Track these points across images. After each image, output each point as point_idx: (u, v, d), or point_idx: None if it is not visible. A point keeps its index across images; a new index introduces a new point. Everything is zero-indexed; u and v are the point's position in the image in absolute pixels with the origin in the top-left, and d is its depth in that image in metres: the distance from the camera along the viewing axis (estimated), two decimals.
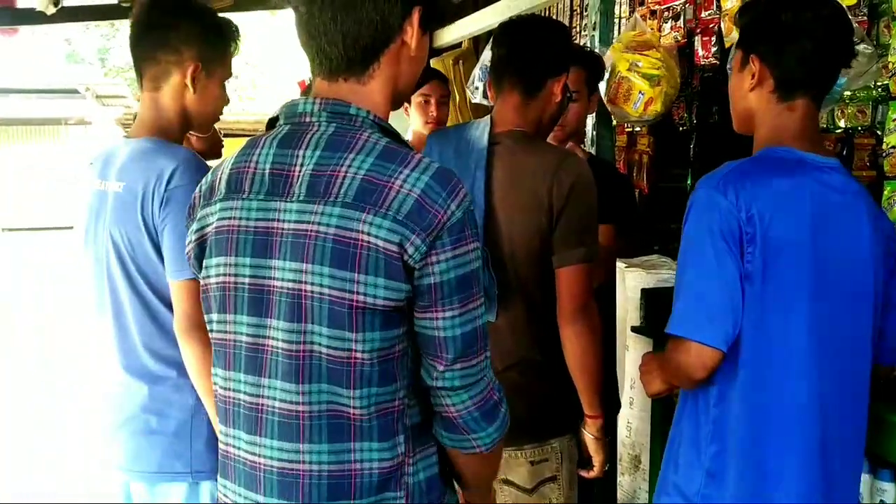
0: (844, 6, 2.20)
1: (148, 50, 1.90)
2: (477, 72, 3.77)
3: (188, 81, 1.89)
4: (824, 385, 1.63)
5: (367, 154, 1.23)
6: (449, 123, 3.37)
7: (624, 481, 3.42)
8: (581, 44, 3.45)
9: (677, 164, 4.52)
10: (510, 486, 2.12)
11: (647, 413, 3.12)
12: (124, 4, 4.78)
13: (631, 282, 3.37)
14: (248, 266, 1.27)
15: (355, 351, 1.21)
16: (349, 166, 1.22)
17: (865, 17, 2.99)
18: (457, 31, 4.74)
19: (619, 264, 3.36)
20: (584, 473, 2.21)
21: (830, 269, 1.63)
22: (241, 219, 1.28)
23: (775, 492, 1.62)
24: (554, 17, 4.56)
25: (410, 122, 3.26)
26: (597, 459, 2.18)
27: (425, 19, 1.32)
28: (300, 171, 1.25)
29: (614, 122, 3.11)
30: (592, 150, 2.87)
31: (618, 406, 2.81)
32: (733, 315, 1.58)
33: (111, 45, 22.47)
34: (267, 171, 1.27)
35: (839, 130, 3.38)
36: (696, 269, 1.62)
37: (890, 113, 2.10)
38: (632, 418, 3.37)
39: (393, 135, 1.30)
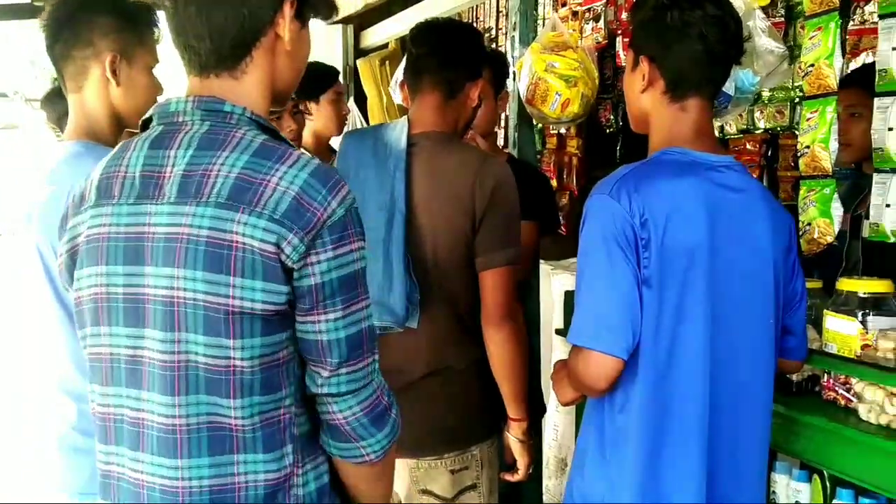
0: (757, 6, 2.22)
1: (63, 49, 1.80)
2: (399, 73, 3.72)
3: (109, 75, 1.79)
4: (723, 388, 1.63)
5: (242, 152, 1.18)
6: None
7: (550, 485, 3.41)
8: (503, 45, 3.44)
9: (606, 166, 4.51)
10: (430, 496, 2.07)
11: (573, 416, 3.10)
12: (37, 3, 4.60)
13: (557, 284, 3.36)
14: (121, 275, 1.21)
15: (234, 359, 1.16)
16: (222, 165, 1.16)
17: (782, 19, 3.03)
18: (384, 32, 4.68)
19: (546, 267, 3.35)
20: (508, 477, 2.20)
21: (729, 270, 1.63)
22: (111, 225, 1.22)
23: (670, 498, 1.61)
24: (479, 17, 4.53)
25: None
26: (521, 462, 2.16)
27: (301, 11, 1.27)
28: (171, 173, 1.19)
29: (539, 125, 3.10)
30: (514, 152, 2.85)
31: (543, 409, 2.80)
32: (632, 323, 1.57)
33: (41, 47, 21.83)
34: (138, 175, 1.22)
35: (760, 131, 3.42)
36: (593, 277, 1.61)
37: (804, 112, 2.10)
38: (558, 421, 3.36)
39: (271, 132, 1.25)
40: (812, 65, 2.03)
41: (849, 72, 2.92)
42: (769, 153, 3.75)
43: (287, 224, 1.14)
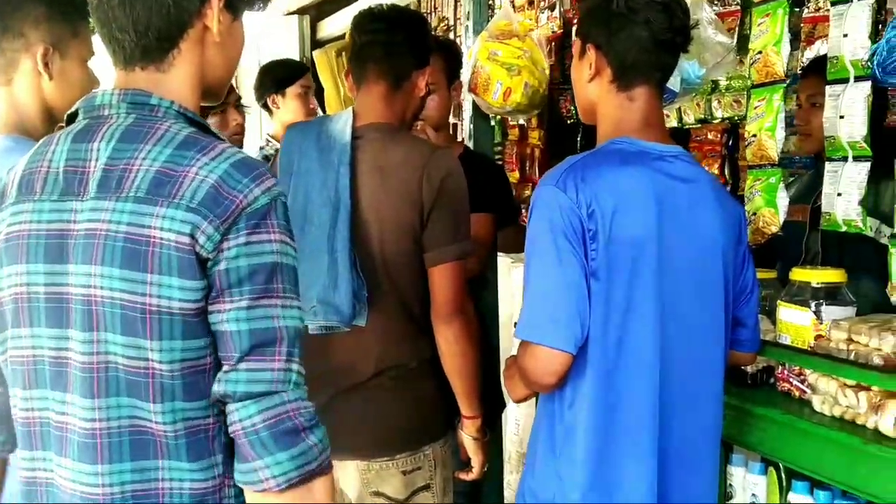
0: None
1: None
2: None
3: (40, 67, 1.70)
4: (673, 381, 1.61)
5: (166, 145, 1.13)
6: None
7: (512, 480, 3.37)
8: (461, 35, 3.40)
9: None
10: (382, 498, 2.03)
11: (534, 410, 3.07)
12: None
13: (517, 277, 3.31)
14: (43, 273, 1.16)
15: (153, 361, 1.11)
16: (144, 159, 1.12)
17: (738, 6, 3.00)
18: (341, 22, 4.59)
19: (506, 259, 3.31)
20: (463, 475, 2.15)
21: (678, 261, 1.60)
22: (32, 222, 1.17)
23: (620, 494, 1.59)
24: (437, 7, 4.47)
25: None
26: (476, 460, 2.12)
27: (231, 2, 1.23)
28: (95, 167, 1.14)
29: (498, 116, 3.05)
30: (470, 143, 2.80)
31: (503, 404, 2.76)
32: (580, 316, 1.54)
33: None
34: (61, 170, 1.17)
35: (717, 120, 3.40)
36: (540, 270, 1.58)
37: (752, 101, 2.07)
38: (519, 416, 3.33)
39: (200, 126, 1.20)
40: (760, 52, 2.00)
41: (809, 60, 2.91)
42: (730, 143, 3.75)
43: (202, 212, 1.09)
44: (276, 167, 2.03)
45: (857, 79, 1.88)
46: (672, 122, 3.54)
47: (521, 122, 4.07)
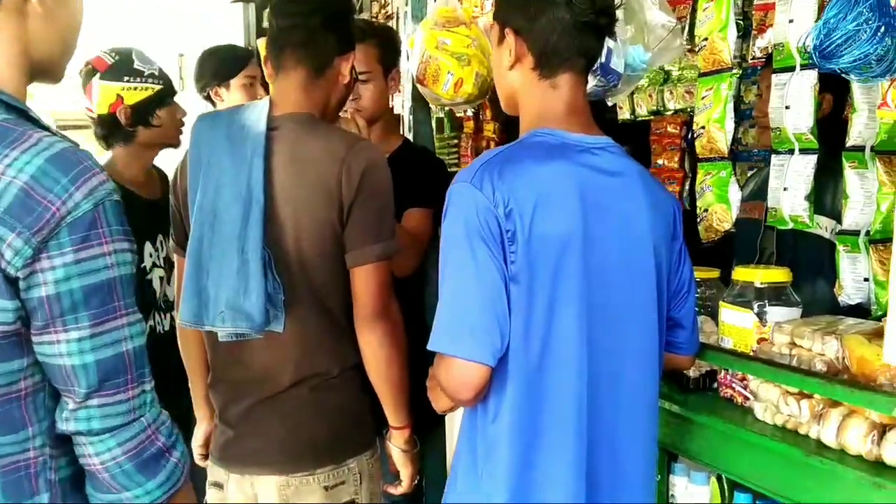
0: None
1: None
2: None
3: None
4: (602, 388, 1.49)
5: None
6: None
7: None
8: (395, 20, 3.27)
9: None
10: None
11: None
12: None
13: None
14: None
15: None
16: None
17: None
18: None
19: None
20: (391, 489, 2.02)
21: (605, 260, 1.48)
22: None
23: None
24: None
25: None
26: (405, 473, 1.99)
27: None
28: None
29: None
30: (409, 135, 2.67)
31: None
32: (498, 325, 1.41)
33: None
34: None
35: (671, 112, 3.31)
36: (455, 276, 1.44)
37: (699, 90, 1.96)
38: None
39: (17, 110, 1.05)
40: (706, 39, 1.89)
41: (760, 49, 2.82)
42: (689, 135, 3.65)
43: (9, 222, 0.95)
44: (187, 163, 1.88)
45: (804, 67, 1.78)
46: (625, 114, 3.45)
47: (470, 112, 3.95)
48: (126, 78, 2.40)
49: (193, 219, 1.79)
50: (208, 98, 3.02)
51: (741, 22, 2.86)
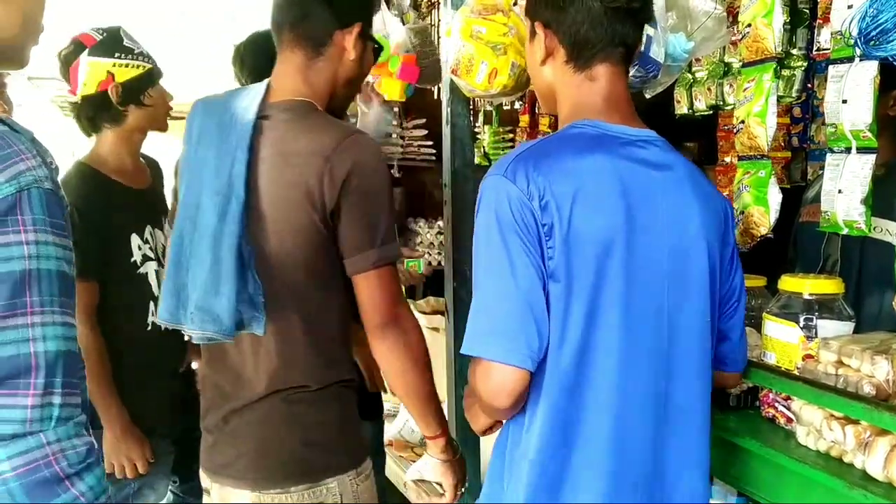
0: None
1: None
2: None
3: None
4: (647, 403, 1.38)
5: None
6: None
7: None
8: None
9: None
10: None
11: None
12: None
13: None
14: None
15: None
16: None
17: None
18: None
19: None
20: (436, 500, 1.90)
21: (653, 262, 1.36)
22: None
23: None
24: None
25: None
26: (446, 483, 1.87)
27: None
28: None
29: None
30: (447, 129, 2.56)
31: None
32: (536, 326, 1.31)
33: None
34: None
35: (730, 107, 3.11)
36: (489, 273, 1.35)
37: (741, 81, 1.80)
38: None
39: None
40: (749, 25, 1.73)
41: (824, 41, 2.62)
42: None
43: None
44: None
45: (863, 57, 1.61)
46: (683, 109, 3.27)
47: (516, 105, 3.81)
48: (117, 54, 2.30)
49: (178, 213, 1.71)
50: None
51: (806, 11, 2.67)
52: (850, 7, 1.64)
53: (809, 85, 3.33)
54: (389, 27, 2.80)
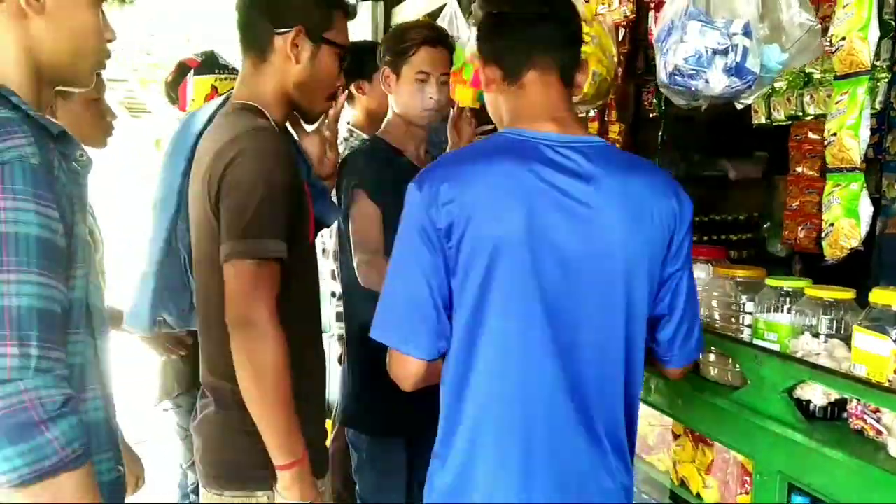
0: None
1: None
2: None
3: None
4: (535, 393, 1.48)
5: None
6: None
7: None
8: None
9: (650, 153, 4.27)
10: None
11: None
12: None
13: None
14: None
15: None
16: None
17: None
18: (416, 7, 4.40)
19: None
20: None
21: (558, 267, 1.44)
22: None
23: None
24: None
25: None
26: None
27: None
28: None
29: None
30: None
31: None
32: (436, 318, 1.46)
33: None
34: None
35: (810, 117, 3.10)
36: (395, 269, 1.51)
37: (834, 94, 1.81)
38: None
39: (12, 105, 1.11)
40: (843, 38, 1.74)
41: None
42: None
43: None
44: None
45: None
46: (760, 119, 3.27)
47: (592, 113, 3.84)
48: (217, 70, 2.66)
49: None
50: (349, 93, 2.99)
51: (893, 22, 2.65)
52: None
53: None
54: (464, 36, 2.86)
